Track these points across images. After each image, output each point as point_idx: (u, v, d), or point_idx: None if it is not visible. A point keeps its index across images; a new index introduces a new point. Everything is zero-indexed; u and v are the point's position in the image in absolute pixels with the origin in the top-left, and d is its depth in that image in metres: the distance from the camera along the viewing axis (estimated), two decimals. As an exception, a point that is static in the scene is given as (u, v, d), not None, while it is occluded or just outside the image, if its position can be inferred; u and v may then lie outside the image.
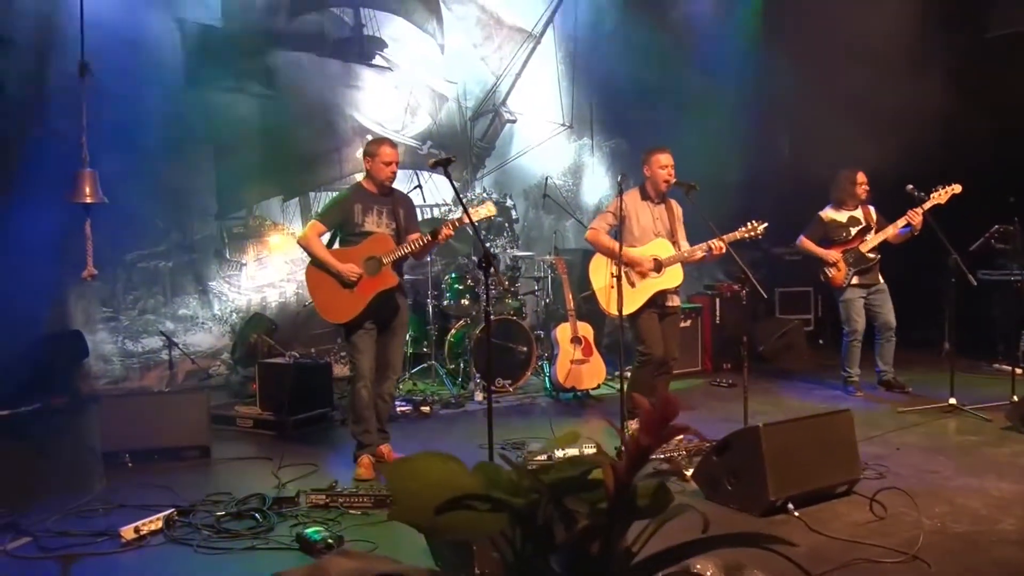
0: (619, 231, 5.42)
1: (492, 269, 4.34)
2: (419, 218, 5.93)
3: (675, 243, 5.84)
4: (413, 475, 1.74)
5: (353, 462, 5.24)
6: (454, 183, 4.73)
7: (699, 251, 5.68)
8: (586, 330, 7.40)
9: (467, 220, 5.04)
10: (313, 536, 3.84)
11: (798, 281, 10.19)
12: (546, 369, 7.68)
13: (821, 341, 9.94)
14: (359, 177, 9.04)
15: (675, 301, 5.92)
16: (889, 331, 7.19)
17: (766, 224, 5.78)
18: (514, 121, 9.82)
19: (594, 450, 5.29)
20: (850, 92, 9.98)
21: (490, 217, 5.23)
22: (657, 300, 5.75)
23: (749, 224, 5.77)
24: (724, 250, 5.64)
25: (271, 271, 8.45)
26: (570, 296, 7.44)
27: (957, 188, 6.64)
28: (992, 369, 8.20)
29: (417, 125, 9.20)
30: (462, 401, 7.17)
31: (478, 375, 7.40)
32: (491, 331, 7.39)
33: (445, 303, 7.97)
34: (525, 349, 7.66)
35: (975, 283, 6.43)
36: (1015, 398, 6.37)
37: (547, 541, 1.74)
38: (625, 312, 5.53)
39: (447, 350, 7.80)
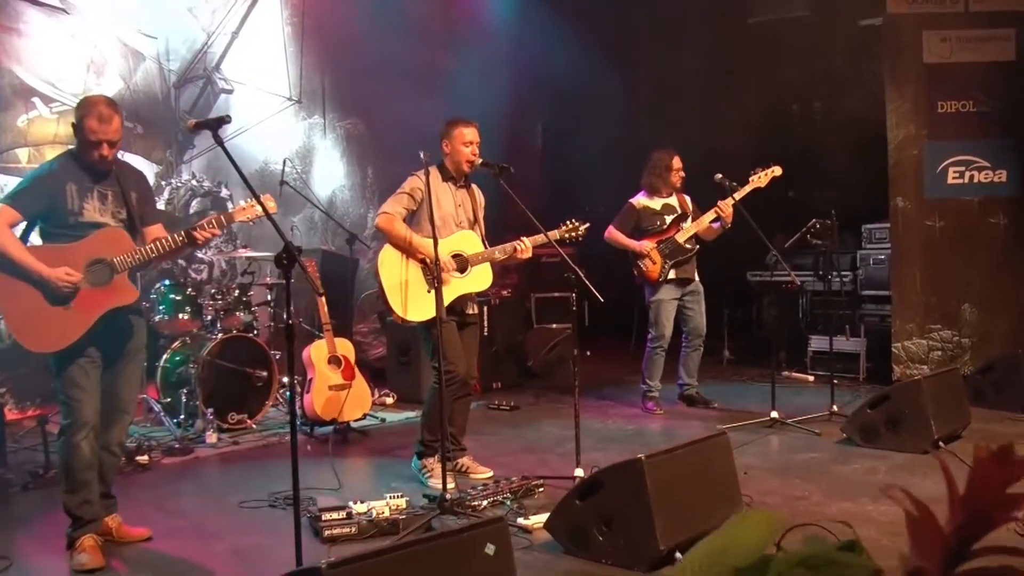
0: (429, 216, 4.79)
1: (299, 267, 3.47)
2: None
3: (482, 236, 5.36)
4: None
5: (68, 548, 4.07)
6: (233, 158, 3.76)
7: (513, 249, 5.24)
8: (346, 348, 6.66)
9: (247, 215, 4.23)
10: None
11: (556, 286, 10.02)
12: (290, 398, 6.86)
13: (589, 353, 9.84)
14: (23, 154, 7.64)
15: (474, 309, 5.42)
16: (698, 339, 7.14)
17: (588, 224, 5.48)
18: (230, 91, 8.73)
19: (403, 502, 4.54)
20: (607, 78, 10.05)
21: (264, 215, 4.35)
22: (456, 306, 5.20)
23: (569, 223, 5.44)
24: (530, 252, 5.27)
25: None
26: (324, 307, 6.64)
27: (777, 170, 6.68)
28: (783, 378, 8.42)
29: (105, 88, 7.83)
30: (189, 445, 6.10)
31: (209, 410, 6.37)
32: (220, 353, 6.53)
33: (156, 319, 6.81)
34: (264, 374, 6.80)
35: (800, 283, 6.47)
36: (835, 408, 6.47)
37: None
38: (418, 318, 5.05)
39: (160, 380, 6.68)
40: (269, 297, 7.71)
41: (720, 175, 6.74)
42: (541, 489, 4.91)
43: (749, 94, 10.03)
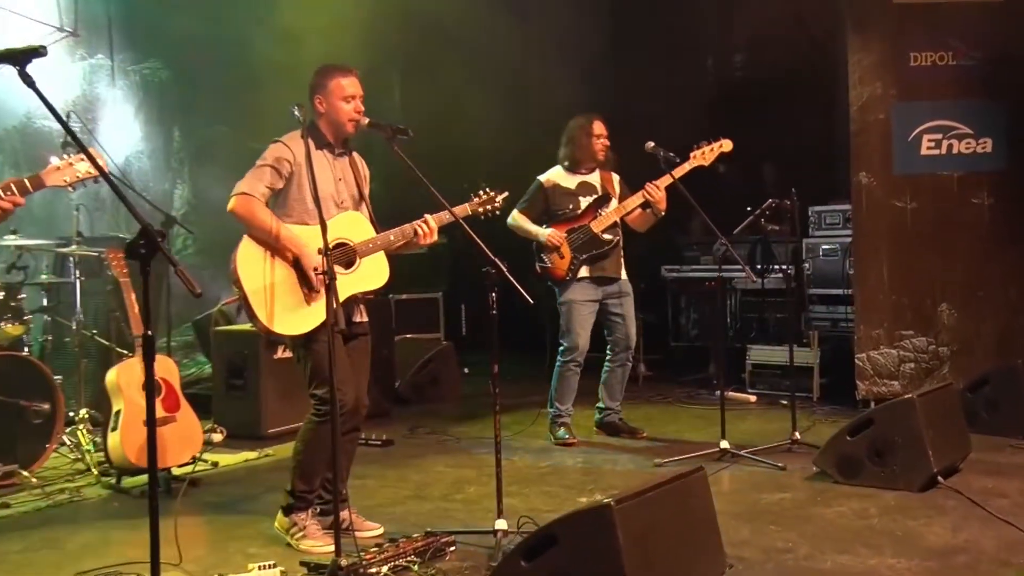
0: (313, 193, 4.71)
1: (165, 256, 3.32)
2: None
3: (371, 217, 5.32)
4: None
5: None
6: (55, 108, 3.56)
7: (412, 231, 5.19)
8: (167, 369, 6.47)
9: (63, 177, 4.06)
10: None
11: (418, 284, 10.02)
12: (83, 439, 6.75)
13: (467, 370, 9.86)
14: None
15: (363, 315, 5.35)
16: (625, 352, 7.28)
17: (506, 193, 5.50)
18: (-36, 12, 8.33)
19: (277, 572, 4.50)
20: (489, 18, 10.08)
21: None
22: (343, 313, 5.10)
23: (482, 193, 5.42)
24: (435, 236, 5.26)
25: None
26: (136, 312, 6.41)
27: (727, 145, 6.86)
28: (716, 397, 8.59)
29: None
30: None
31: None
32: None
33: None
34: (46, 406, 6.57)
35: (756, 280, 6.66)
36: (797, 435, 6.66)
37: None
38: (292, 331, 4.96)
39: None
40: (46, 302, 7.52)
41: (652, 143, 6.82)
42: (453, 548, 4.89)
43: (662, 44, 10.27)
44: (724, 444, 6.50)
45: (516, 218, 7.10)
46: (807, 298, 8.94)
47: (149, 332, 3.34)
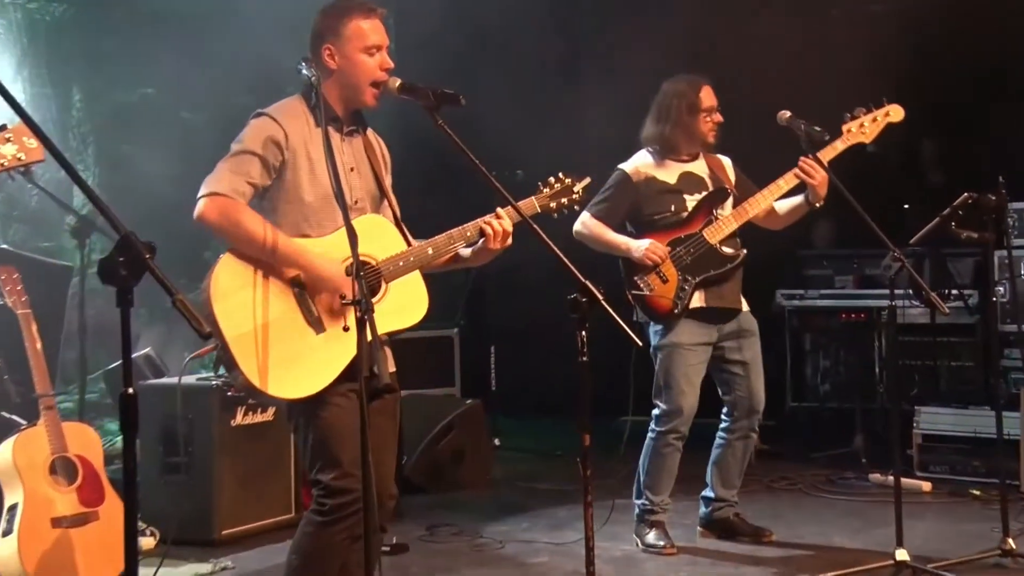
0: (334, 187, 4.64)
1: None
2: None
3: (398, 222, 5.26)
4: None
5: None
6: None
7: (477, 231, 5.13)
8: (87, 443, 6.49)
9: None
10: None
11: (426, 316, 9.98)
12: None
13: (498, 441, 9.83)
14: None
15: (390, 363, 5.28)
16: (748, 417, 7.22)
17: (588, 180, 5.49)
18: None
19: None
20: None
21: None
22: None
23: (553, 181, 5.37)
24: (509, 236, 5.16)
25: None
26: (39, 353, 6.43)
27: (895, 112, 6.86)
28: (867, 484, 8.57)
29: None
30: None
31: None
32: None
33: None
34: None
35: (947, 312, 6.60)
36: (1011, 543, 6.55)
37: None
38: (293, 393, 4.89)
39: None
40: None
41: (788, 113, 6.77)
42: None
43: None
44: (901, 555, 6.38)
45: (589, 225, 7.03)
46: (1001, 337, 8.74)
47: (131, 390, 3.32)
